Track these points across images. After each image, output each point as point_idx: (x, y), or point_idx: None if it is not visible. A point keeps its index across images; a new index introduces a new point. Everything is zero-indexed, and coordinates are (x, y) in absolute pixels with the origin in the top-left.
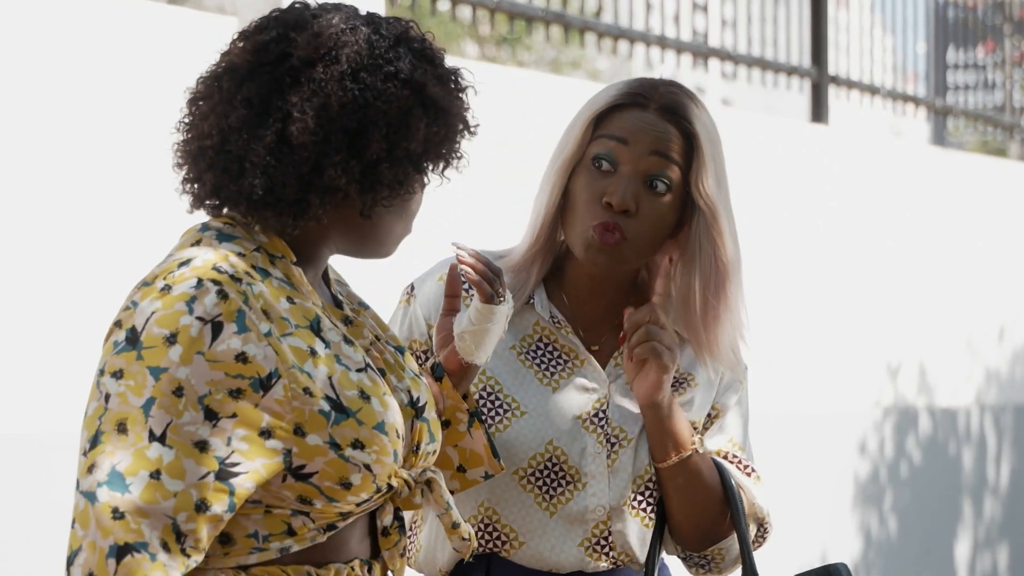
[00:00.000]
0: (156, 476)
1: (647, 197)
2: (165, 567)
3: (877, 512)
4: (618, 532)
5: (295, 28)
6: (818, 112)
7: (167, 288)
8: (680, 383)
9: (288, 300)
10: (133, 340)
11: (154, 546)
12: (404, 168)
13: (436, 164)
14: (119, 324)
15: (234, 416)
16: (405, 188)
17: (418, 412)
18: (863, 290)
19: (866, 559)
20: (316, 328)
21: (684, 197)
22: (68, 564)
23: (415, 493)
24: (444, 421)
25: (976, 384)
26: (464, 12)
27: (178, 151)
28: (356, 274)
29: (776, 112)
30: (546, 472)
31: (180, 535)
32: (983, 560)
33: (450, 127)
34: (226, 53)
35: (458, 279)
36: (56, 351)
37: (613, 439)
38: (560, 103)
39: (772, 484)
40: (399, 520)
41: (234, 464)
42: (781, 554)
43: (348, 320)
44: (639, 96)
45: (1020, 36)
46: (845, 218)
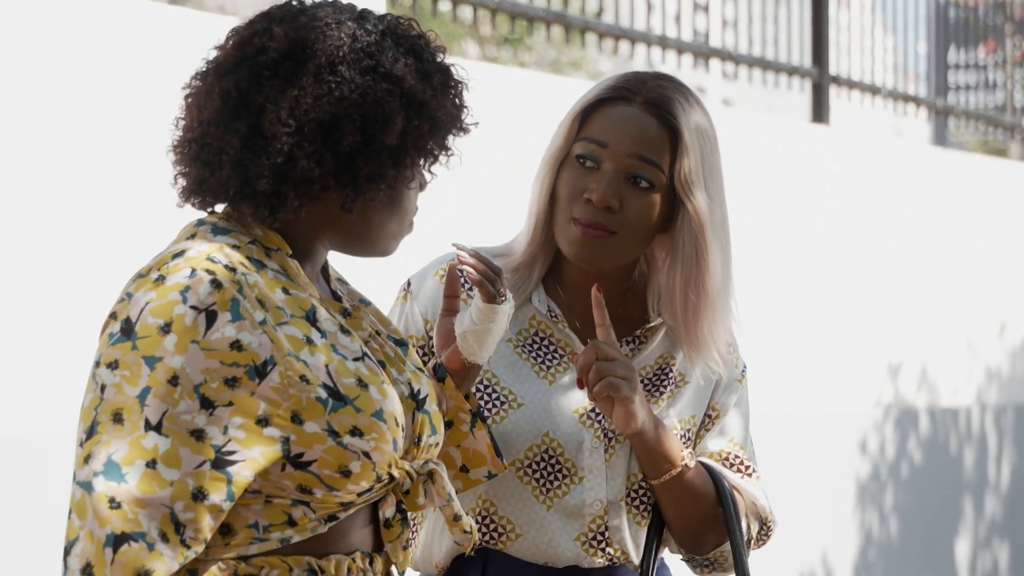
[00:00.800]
0: (152, 465)
1: (631, 192)
2: (163, 557)
3: (878, 512)
4: (615, 528)
5: (280, 23)
6: (819, 112)
7: (161, 279)
8: (666, 382)
9: (284, 291)
10: (128, 331)
11: (152, 536)
12: (381, 162)
13: (420, 160)
14: (114, 315)
15: (230, 404)
16: (386, 182)
17: (419, 404)
18: (863, 290)
19: (866, 559)
20: (312, 318)
21: (671, 192)
22: (65, 554)
23: (417, 487)
24: (447, 421)
25: (977, 384)
26: (465, 12)
27: (170, 146)
28: (356, 274)
29: (777, 112)
30: (543, 464)
31: (179, 525)
32: (984, 560)
33: (433, 122)
34: (217, 48)
35: (457, 279)
36: (56, 351)
37: (611, 434)
38: (561, 103)
39: (772, 484)
40: (402, 513)
41: (231, 452)
42: (781, 554)
43: (346, 312)
44: (625, 91)
45: (1021, 36)
46: (846, 218)
